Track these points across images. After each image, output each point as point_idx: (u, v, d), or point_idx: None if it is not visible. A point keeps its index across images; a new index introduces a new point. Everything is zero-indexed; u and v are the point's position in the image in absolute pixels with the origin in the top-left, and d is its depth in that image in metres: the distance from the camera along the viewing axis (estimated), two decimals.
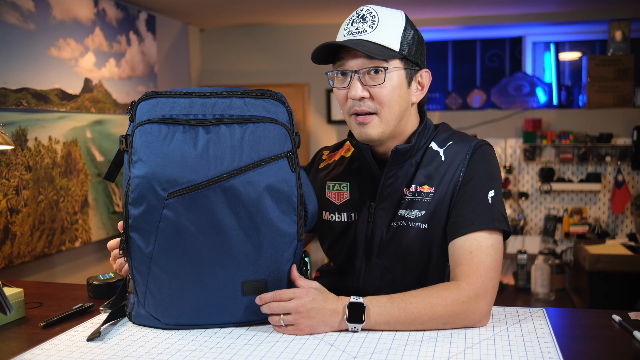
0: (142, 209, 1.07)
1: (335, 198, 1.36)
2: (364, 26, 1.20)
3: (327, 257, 1.43)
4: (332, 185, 1.37)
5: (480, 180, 1.22)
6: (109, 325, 1.16)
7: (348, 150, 1.41)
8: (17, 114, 2.81)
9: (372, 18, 1.20)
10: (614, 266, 3.67)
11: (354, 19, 1.22)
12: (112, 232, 3.53)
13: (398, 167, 1.27)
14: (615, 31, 4.25)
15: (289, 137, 1.14)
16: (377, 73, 1.19)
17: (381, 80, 1.19)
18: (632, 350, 1.01)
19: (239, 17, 4.43)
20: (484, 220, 1.17)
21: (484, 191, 1.21)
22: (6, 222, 2.71)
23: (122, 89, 3.69)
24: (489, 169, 1.24)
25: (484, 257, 1.14)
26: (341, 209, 1.34)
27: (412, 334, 1.08)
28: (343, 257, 1.35)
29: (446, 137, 1.29)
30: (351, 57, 1.20)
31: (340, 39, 1.22)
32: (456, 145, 1.27)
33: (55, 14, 3.09)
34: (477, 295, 1.11)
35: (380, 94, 1.20)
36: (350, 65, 1.20)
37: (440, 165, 1.26)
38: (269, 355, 1.00)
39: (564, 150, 4.36)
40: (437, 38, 4.87)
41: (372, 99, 1.20)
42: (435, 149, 1.28)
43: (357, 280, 1.31)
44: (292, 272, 1.15)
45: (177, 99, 1.12)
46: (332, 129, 4.71)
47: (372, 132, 1.22)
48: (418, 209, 1.24)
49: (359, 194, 1.32)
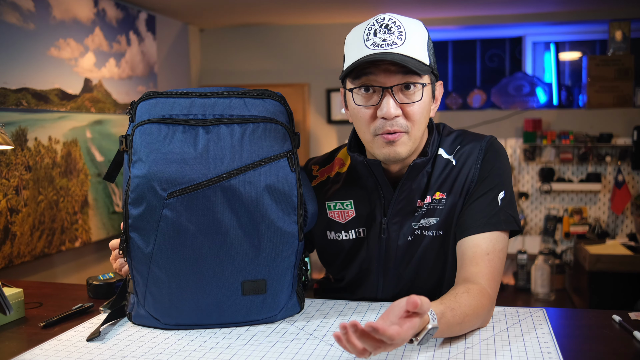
0: (142, 209, 1.07)
1: (340, 217, 1.30)
2: (392, 37, 1.10)
3: (332, 274, 1.39)
4: (333, 204, 1.31)
5: (494, 179, 1.21)
6: (108, 326, 1.16)
7: (342, 165, 1.34)
8: (17, 114, 2.81)
9: (398, 29, 1.11)
10: (614, 266, 3.67)
11: (376, 28, 1.11)
12: (112, 232, 3.53)
13: (411, 181, 1.23)
14: (615, 31, 4.25)
15: (288, 137, 1.14)
16: (408, 89, 1.12)
17: (418, 97, 1.13)
18: (632, 351, 1.01)
19: (239, 17, 4.43)
20: (498, 221, 1.18)
21: (496, 191, 1.20)
22: (6, 222, 2.71)
23: (122, 89, 3.69)
24: (502, 167, 1.23)
25: (497, 262, 1.16)
26: (348, 227, 1.29)
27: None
28: (354, 273, 1.31)
29: (452, 141, 1.27)
30: (383, 72, 1.11)
31: (364, 51, 1.11)
32: (466, 147, 1.25)
33: (55, 14, 3.09)
34: (494, 302, 1.14)
35: (413, 111, 1.13)
36: (382, 81, 1.11)
37: (452, 170, 1.23)
38: (269, 355, 1.00)
39: (564, 150, 4.36)
40: (437, 38, 4.87)
41: (403, 117, 1.13)
42: (445, 157, 1.25)
43: (375, 293, 1.29)
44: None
45: (177, 99, 1.12)
46: (332, 129, 4.71)
47: (402, 150, 1.15)
48: (432, 217, 1.23)
49: (366, 210, 1.28)
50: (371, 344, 0.83)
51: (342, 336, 0.83)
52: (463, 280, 1.14)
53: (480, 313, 1.07)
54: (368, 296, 1.31)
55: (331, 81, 4.66)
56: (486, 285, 1.12)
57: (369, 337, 0.83)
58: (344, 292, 1.35)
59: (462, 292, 1.06)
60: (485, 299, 1.09)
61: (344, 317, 1.18)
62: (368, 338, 0.83)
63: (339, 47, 5.83)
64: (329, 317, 1.18)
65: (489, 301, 1.10)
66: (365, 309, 1.23)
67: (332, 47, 4.66)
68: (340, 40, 1.32)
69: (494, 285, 1.14)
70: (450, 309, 0.99)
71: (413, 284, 1.27)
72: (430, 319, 0.91)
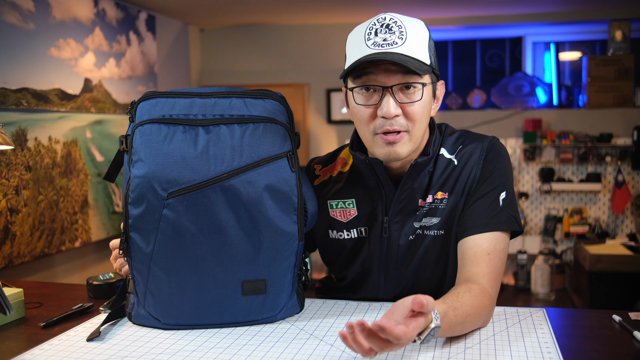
0: (142, 208, 1.07)
1: (342, 216, 1.31)
2: (392, 37, 1.11)
3: (334, 273, 1.39)
4: (335, 203, 1.31)
5: (496, 180, 1.22)
6: (108, 325, 1.16)
7: (345, 164, 1.35)
8: (17, 114, 2.81)
9: (399, 28, 1.11)
10: (614, 266, 3.67)
11: (377, 28, 1.12)
12: (112, 232, 3.53)
13: (412, 180, 1.24)
14: (615, 31, 4.25)
15: (288, 137, 1.14)
16: (408, 89, 1.13)
17: (418, 97, 1.14)
18: (632, 351, 1.01)
19: (239, 17, 4.43)
20: (500, 222, 1.18)
21: (497, 192, 1.21)
22: (6, 222, 2.71)
23: (122, 89, 3.69)
24: (504, 168, 1.24)
25: (498, 262, 1.17)
26: (349, 226, 1.30)
27: None
28: (356, 272, 1.31)
29: (455, 141, 1.27)
30: (384, 71, 1.12)
31: (365, 51, 1.12)
32: (467, 147, 1.25)
33: (55, 14, 3.09)
34: (494, 302, 1.15)
35: (413, 111, 1.14)
36: (382, 81, 1.12)
37: (453, 170, 1.24)
38: (269, 355, 1.00)
39: (564, 150, 4.36)
40: (437, 38, 4.87)
41: (404, 116, 1.14)
42: (447, 157, 1.25)
43: (376, 292, 1.30)
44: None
45: (177, 99, 1.12)
46: (332, 129, 4.71)
47: (402, 150, 1.16)
48: (434, 216, 1.23)
49: (367, 209, 1.28)
50: (378, 343, 0.83)
51: (348, 335, 0.82)
52: (464, 280, 1.14)
53: (482, 313, 1.07)
54: (369, 296, 1.31)
55: (331, 81, 4.66)
56: (487, 285, 1.13)
57: (376, 336, 0.82)
58: (346, 292, 1.35)
59: (463, 292, 1.07)
60: (487, 299, 1.09)
61: (344, 317, 1.18)
62: (375, 337, 0.82)
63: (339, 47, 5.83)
64: (329, 317, 1.18)
65: (490, 301, 1.11)
66: (366, 309, 1.23)
67: (332, 47, 4.67)
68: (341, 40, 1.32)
69: (495, 286, 1.15)
70: (452, 309, 0.99)
71: (414, 283, 1.27)
72: (433, 318, 0.91)
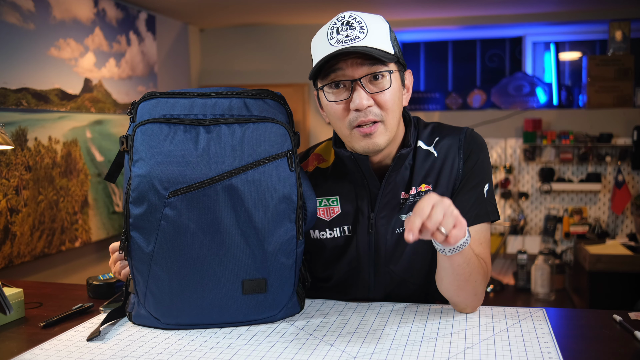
0: (143, 208, 1.07)
1: (324, 214, 1.30)
2: (354, 32, 1.13)
3: (316, 273, 1.36)
4: (318, 201, 1.29)
5: (480, 173, 1.26)
6: (108, 325, 1.16)
7: (323, 161, 1.35)
8: (17, 114, 2.81)
9: (359, 24, 1.14)
10: (614, 266, 3.67)
11: (338, 26, 1.15)
12: (112, 232, 3.53)
13: (395, 173, 1.25)
14: (615, 31, 4.25)
15: (288, 136, 1.14)
16: (377, 79, 1.15)
17: (387, 85, 1.15)
18: (632, 350, 1.01)
19: (239, 17, 4.43)
20: (486, 213, 1.24)
21: (482, 184, 1.25)
22: (6, 222, 2.71)
23: (122, 89, 3.69)
24: (485, 160, 1.28)
25: (488, 250, 1.25)
26: (332, 225, 1.29)
27: (411, 334, 1.08)
28: (342, 272, 1.30)
29: (430, 133, 1.30)
30: (350, 65, 1.14)
31: (329, 49, 1.14)
32: (445, 138, 1.28)
33: (55, 14, 3.09)
34: (489, 276, 1.23)
35: (384, 99, 1.15)
36: (351, 74, 1.14)
37: (434, 161, 1.26)
38: (269, 355, 1.00)
39: (564, 150, 4.36)
40: (437, 38, 4.87)
41: (376, 106, 1.15)
42: (425, 148, 1.27)
43: (367, 290, 1.29)
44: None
45: (178, 99, 1.12)
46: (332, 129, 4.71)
47: (380, 140, 1.17)
48: None
49: (352, 206, 1.28)
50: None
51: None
52: None
53: (481, 272, 1.16)
54: (360, 295, 1.30)
55: None
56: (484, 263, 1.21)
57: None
58: (333, 292, 1.33)
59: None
60: (485, 267, 1.18)
61: (344, 317, 1.18)
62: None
63: None
64: (329, 317, 1.18)
65: (486, 270, 1.19)
66: (366, 309, 1.23)
67: None
68: None
69: (490, 267, 1.23)
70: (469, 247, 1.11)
71: (405, 279, 1.27)
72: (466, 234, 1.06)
